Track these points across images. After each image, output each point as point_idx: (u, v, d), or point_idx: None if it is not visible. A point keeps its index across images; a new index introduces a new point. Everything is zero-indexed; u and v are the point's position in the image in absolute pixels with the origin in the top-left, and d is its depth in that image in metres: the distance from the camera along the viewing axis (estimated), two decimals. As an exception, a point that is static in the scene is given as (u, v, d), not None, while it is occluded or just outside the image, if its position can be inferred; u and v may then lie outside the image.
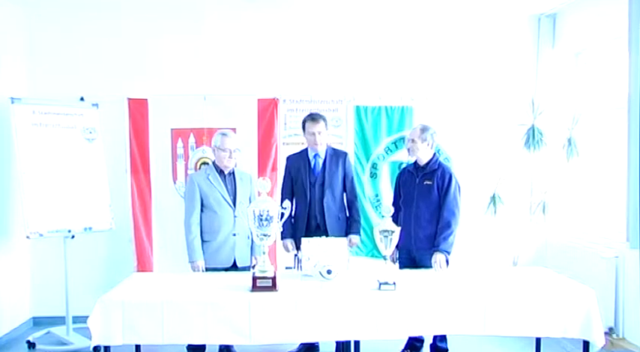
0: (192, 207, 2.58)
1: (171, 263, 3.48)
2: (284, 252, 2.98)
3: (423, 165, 2.70)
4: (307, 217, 2.84)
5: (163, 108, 3.59)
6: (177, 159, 3.63)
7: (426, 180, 2.66)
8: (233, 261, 2.62)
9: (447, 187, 2.61)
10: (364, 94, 3.68)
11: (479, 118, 3.68)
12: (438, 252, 2.56)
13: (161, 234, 3.60)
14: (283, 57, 3.64)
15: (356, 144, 3.72)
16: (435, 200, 2.63)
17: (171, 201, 3.57)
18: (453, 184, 2.62)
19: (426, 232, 2.62)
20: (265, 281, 2.08)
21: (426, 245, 2.61)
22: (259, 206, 2.06)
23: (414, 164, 2.78)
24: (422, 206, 2.64)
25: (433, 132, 2.70)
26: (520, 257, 3.67)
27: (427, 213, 2.63)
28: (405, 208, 2.72)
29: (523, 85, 3.71)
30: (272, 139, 3.66)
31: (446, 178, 2.63)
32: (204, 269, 2.57)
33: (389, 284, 2.12)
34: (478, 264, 3.39)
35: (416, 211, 2.65)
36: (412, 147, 2.68)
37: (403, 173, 2.85)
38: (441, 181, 2.62)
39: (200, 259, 2.56)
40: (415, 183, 2.69)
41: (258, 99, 3.63)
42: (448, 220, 2.58)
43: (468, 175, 3.49)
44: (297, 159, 2.89)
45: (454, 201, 2.61)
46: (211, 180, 2.62)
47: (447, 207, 2.59)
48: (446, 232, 2.57)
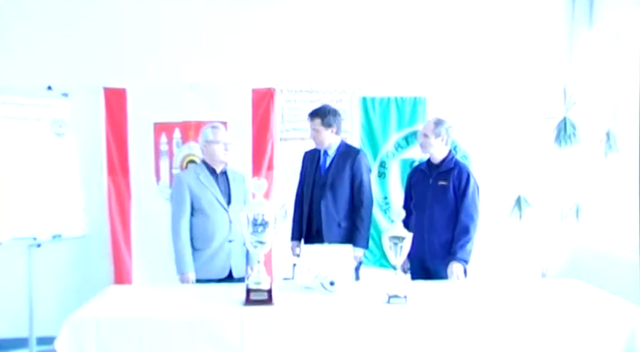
0: (181, 210, 2.58)
1: (153, 274, 3.50)
2: (282, 260, 3.03)
3: (437, 163, 2.70)
4: (308, 220, 2.90)
5: (144, 99, 3.58)
6: (161, 157, 3.63)
7: (440, 181, 2.66)
8: (229, 271, 2.63)
9: (464, 188, 2.61)
10: (371, 84, 3.70)
11: (502, 110, 3.69)
12: (455, 262, 2.55)
13: (142, 242, 3.61)
14: (281, 42, 3.64)
15: (362, 139, 3.74)
16: (451, 202, 2.63)
17: (153, 204, 3.57)
18: (472, 185, 2.62)
19: (441, 239, 2.62)
20: (260, 294, 2.08)
21: (441, 253, 2.61)
22: (253, 209, 2.05)
23: (427, 162, 2.78)
24: (436, 209, 2.64)
25: (448, 126, 2.70)
26: (550, 267, 3.68)
27: (442, 218, 2.63)
28: (417, 212, 2.72)
29: (554, 71, 3.71)
30: (268, 134, 3.67)
31: (463, 178, 2.62)
32: (195, 281, 2.57)
33: (399, 298, 2.12)
34: (501, 276, 3.40)
35: (429, 215, 2.66)
36: (425, 142, 2.68)
37: (415, 172, 2.86)
38: (458, 181, 2.62)
39: (190, 271, 2.56)
40: (428, 183, 2.69)
41: (252, 89, 3.64)
42: (466, 225, 2.58)
43: (490, 175, 3.51)
44: (310, 156, 2.97)
45: (473, 204, 2.61)
46: (202, 180, 2.62)
47: (464, 211, 2.58)
48: (464, 239, 2.56)
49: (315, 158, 2.92)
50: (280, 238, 2.31)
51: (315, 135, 2.83)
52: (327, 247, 2.45)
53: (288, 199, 3.00)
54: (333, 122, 2.82)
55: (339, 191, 2.85)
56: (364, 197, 2.84)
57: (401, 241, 2.14)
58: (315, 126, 2.81)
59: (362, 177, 2.84)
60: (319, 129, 2.80)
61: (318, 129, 2.80)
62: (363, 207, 2.83)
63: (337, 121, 2.85)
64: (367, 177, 2.88)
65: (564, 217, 3.68)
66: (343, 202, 2.85)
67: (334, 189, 2.84)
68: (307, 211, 2.91)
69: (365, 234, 2.84)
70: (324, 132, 2.81)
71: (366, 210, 2.84)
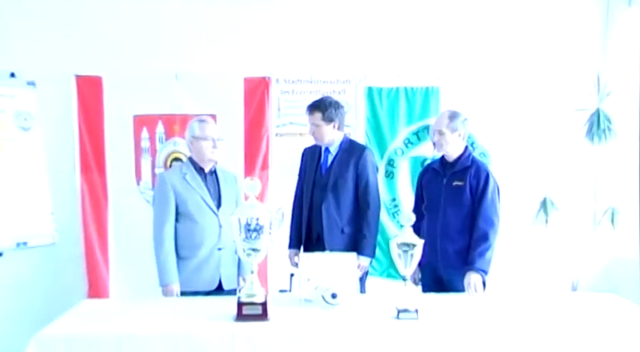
0: (165, 214, 2.59)
1: (133, 286, 3.49)
2: (278, 270, 3.05)
3: (452, 161, 2.71)
4: (308, 225, 2.91)
5: (123, 89, 3.57)
6: (142, 154, 3.64)
7: (455, 181, 2.66)
8: (218, 283, 2.66)
9: (482, 189, 2.60)
10: (378, 72, 3.69)
11: (525, 101, 3.66)
12: (473, 272, 2.55)
13: (120, 250, 3.61)
14: (276, 25, 3.63)
15: (367, 135, 3.73)
16: (467, 205, 2.63)
17: (133, 207, 3.57)
18: (491, 185, 2.62)
19: (456, 246, 2.62)
20: (253, 308, 2.08)
21: (457, 262, 2.61)
22: (246, 213, 2.05)
23: (440, 160, 2.79)
24: (451, 213, 2.64)
25: (464, 119, 2.70)
26: (581, 280, 3.67)
27: (457, 222, 2.63)
28: (430, 216, 2.72)
29: (585, 57, 3.67)
30: (262, 129, 3.68)
31: (481, 178, 2.62)
32: (180, 293, 2.58)
33: (410, 312, 2.11)
34: (524, 288, 3.37)
35: (443, 219, 2.66)
36: (440, 140, 2.68)
37: (427, 171, 2.86)
38: (475, 181, 2.62)
39: (174, 282, 2.58)
40: (442, 183, 2.70)
41: (244, 78, 3.64)
42: (485, 231, 2.57)
43: (512, 175, 3.50)
44: (310, 153, 2.98)
45: (492, 207, 2.60)
46: (189, 181, 2.64)
47: (483, 215, 2.58)
48: (482, 246, 2.56)
49: (315, 156, 2.93)
50: (276, 245, 2.28)
51: (315, 130, 2.83)
52: (329, 255, 2.45)
53: (285, 202, 3.00)
54: (335, 116, 2.83)
55: (343, 193, 2.85)
56: (370, 199, 2.85)
57: (411, 249, 2.13)
58: (314, 121, 2.82)
59: (368, 177, 2.85)
60: (320, 124, 2.81)
61: (319, 124, 2.81)
62: (370, 211, 2.83)
63: (340, 115, 2.86)
64: (374, 177, 2.89)
65: (598, 223, 3.68)
66: (347, 205, 2.85)
67: (337, 191, 2.85)
68: (307, 215, 2.92)
69: (371, 241, 2.85)
70: (325, 127, 2.82)
71: (373, 213, 2.85)
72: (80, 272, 3.57)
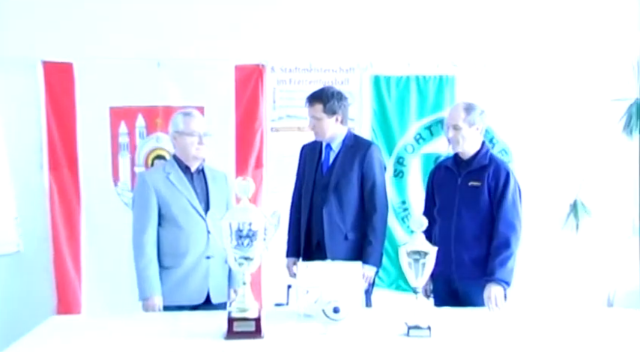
0: (146, 219, 2.59)
1: (109, 300, 3.48)
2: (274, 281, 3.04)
3: (467, 158, 2.69)
4: (307, 231, 2.92)
5: (97, 78, 3.55)
6: (120, 151, 3.62)
7: (471, 181, 2.65)
8: (206, 295, 2.64)
9: (502, 190, 2.59)
10: (386, 59, 3.69)
11: (553, 91, 3.66)
12: (493, 284, 2.53)
13: (95, 259, 3.59)
14: (272, 6, 3.64)
15: (374, 129, 3.74)
16: (484, 208, 2.62)
17: (110, 211, 3.57)
18: (511, 186, 2.60)
19: (473, 254, 2.61)
20: (246, 325, 2.05)
21: (473, 272, 2.60)
22: (238, 217, 2.03)
23: (453, 158, 2.77)
24: (466, 217, 2.63)
25: (481, 111, 2.67)
26: (617, 294, 3.67)
27: (474, 227, 2.62)
28: (443, 220, 2.70)
29: (623, 41, 3.66)
30: (255, 123, 3.69)
31: (501, 177, 2.61)
32: (162, 308, 2.57)
33: (421, 329, 2.08)
34: (553, 303, 3.36)
35: (457, 224, 2.65)
36: (456, 136, 2.65)
37: (438, 170, 2.85)
38: (494, 182, 2.61)
39: (156, 295, 2.56)
40: (456, 184, 2.69)
41: (235, 65, 3.65)
42: (506, 237, 2.56)
43: (537, 174, 3.50)
44: (310, 150, 2.99)
45: (513, 210, 2.59)
46: (173, 181, 2.63)
47: (503, 219, 2.57)
48: (503, 254, 2.54)
49: (315, 153, 2.94)
50: (272, 253, 2.28)
51: (316, 124, 2.83)
52: (331, 264, 2.43)
53: (281, 204, 2.97)
54: (338, 108, 2.82)
55: (346, 194, 2.85)
56: (377, 201, 2.84)
57: (423, 257, 2.11)
58: (315, 113, 2.82)
59: (374, 176, 2.85)
60: (321, 117, 2.81)
61: (320, 117, 2.81)
62: (376, 215, 2.83)
63: (343, 107, 2.86)
64: (381, 177, 2.90)
65: (636, 229, 3.67)
66: (351, 208, 2.85)
67: (339, 192, 2.85)
68: (306, 220, 2.92)
69: (378, 249, 2.84)
70: (326, 121, 2.81)
71: (380, 218, 2.84)
72: (48, 285, 3.55)
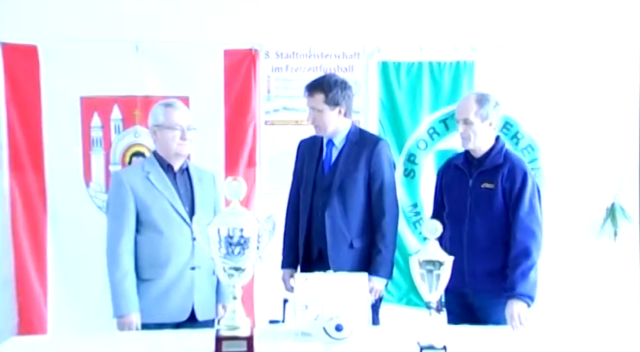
0: (122, 225, 2.58)
1: (79, 318, 3.45)
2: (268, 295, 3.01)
3: (479, 157, 2.69)
4: (307, 238, 2.90)
5: (66, 63, 3.53)
6: (93, 147, 3.61)
7: (484, 182, 2.65)
8: (190, 312, 2.62)
9: (518, 192, 2.59)
10: (396, 43, 3.67)
11: (587, 78, 3.63)
12: (515, 300, 2.51)
13: (63, 272, 3.57)
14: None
15: (381, 123, 3.72)
16: (499, 213, 2.62)
17: (81, 216, 3.55)
18: (529, 187, 2.60)
19: (487, 266, 2.62)
20: (236, 345, 2.02)
21: (489, 285, 2.61)
22: (227, 222, 2.01)
23: (464, 155, 2.77)
24: (479, 223, 2.64)
25: (495, 103, 2.67)
26: None
27: (488, 235, 2.62)
28: (453, 226, 2.69)
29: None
30: (248, 116, 3.68)
31: (517, 178, 2.61)
32: (141, 326, 2.54)
33: (436, 350, 2.04)
34: (586, 322, 3.35)
35: (470, 231, 2.65)
36: (467, 132, 2.65)
37: (447, 169, 2.86)
38: (509, 183, 2.61)
39: (134, 311, 2.53)
40: (467, 185, 2.68)
41: (224, 50, 3.64)
42: (525, 245, 2.55)
43: (569, 174, 3.51)
44: (310, 146, 2.97)
45: (532, 214, 2.58)
46: (154, 182, 2.62)
47: (520, 225, 2.57)
48: (524, 265, 2.53)
49: (315, 150, 2.92)
50: (266, 263, 2.21)
51: (316, 117, 2.81)
52: (333, 276, 2.38)
53: (277, 208, 2.93)
54: (341, 98, 2.81)
55: (351, 196, 2.83)
56: (387, 205, 2.83)
57: (437, 268, 2.08)
58: (315, 105, 2.80)
59: (383, 176, 2.83)
60: (322, 109, 2.79)
61: (321, 109, 2.79)
62: (385, 220, 2.81)
63: (347, 97, 2.84)
64: (390, 177, 2.88)
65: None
66: (357, 212, 2.84)
67: (344, 194, 2.83)
68: (305, 225, 2.90)
69: (389, 258, 2.83)
70: (328, 113, 2.80)
71: (390, 223, 2.83)
72: (8, 301, 3.53)
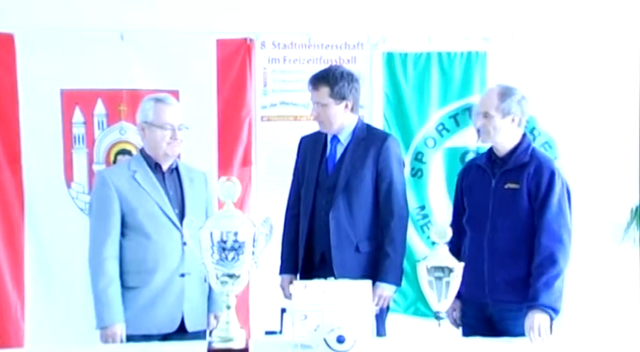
0: (107, 229, 2.56)
1: (59, 330, 3.40)
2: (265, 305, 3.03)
3: (503, 155, 2.64)
4: (308, 241, 2.86)
5: (46, 53, 3.47)
6: (75, 145, 3.55)
7: (509, 183, 2.61)
8: (180, 322, 2.59)
9: (545, 193, 2.54)
10: (402, 33, 3.61)
11: (609, 70, 3.55)
12: (537, 311, 2.45)
13: (42, 280, 3.50)
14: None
15: (387, 118, 3.66)
16: (524, 216, 2.58)
17: (61, 219, 3.50)
18: (558, 189, 2.55)
19: (511, 273, 2.57)
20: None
21: (511, 295, 2.56)
22: (221, 225, 1.99)
23: (487, 154, 2.73)
24: (502, 227, 2.60)
25: (521, 97, 2.61)
26: None
27: (512, 240, 2.59)
28: (474, 231, 2.68)
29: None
30: (242, 111, 3.61)
31: (543, 178, 2.56)
32: (126, 338, 2.51)
33: None
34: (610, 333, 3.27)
35: (491, 236, 2.61)
36: (486, 126, 2.61)
37: (469, 170, 2.82)
38: (535, 183, 2.56)
39: (118, 321, 2.50)
40: (490, 186, 2.64)
41: (217, 40, 3.58)
42: (551, 252, 2.51)
43: (589, 173, 3.44)
44: (312, 144, 2.94)
45: (560, 218, 2.54)
46: (141, 182, 2.59)
47: (547, 230, 2.52)
48: (549, 273, 2.49)
49: (318, 147, 2.88)
50: (262, 270, 2.18)
51: (321, 112, 2.77)
52: (335, 284, 2.32)
53: (274, 210, 2.91)
54: (348, 92, 2.76)
55: (357, 197, 2.80)
56: (395, 206, 2.79)
57: (447, 275, 2.07)
58: (320, 99, 2.75)
59: (392, 175, 2.80)
60: (327, 103, 2.74)
61: (326, 103, 2.74)
62: (394, 222, 2.78)
63: (354, 91, 2.80)
64: (399, 176, 2.85)
65: None
66: (363, 214, 2.80)
67: (349, 194, 2.79)
68: (306, 228, 2.86)
69: (398, 263, 2.79)
70: (334, 108, 2.75)
71: (399, 225, 2.81)
72: None
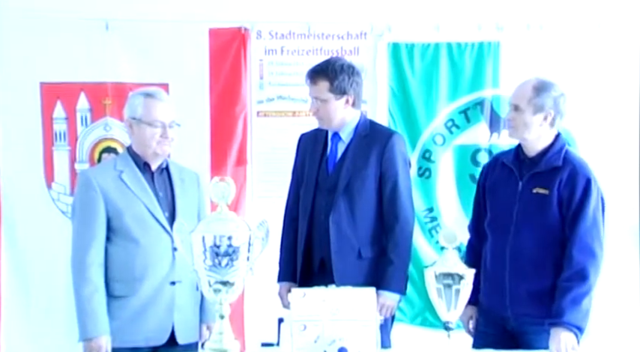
0: (90, 233, 2.53)
1: (38, 343, 3.42)
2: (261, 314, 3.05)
3: (533, 155, 2.58)
4: (307, 247, 2.84)
5: (25, 43, 3.47)
6: (56, 143, 3.54)
7: (537, 187, 2.54)
8: (170, 333, 2.57)
9: (579, 203, 2.48)
10: (408, 21, 3.58)
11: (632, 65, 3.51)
12: (562, 330, 2.40)
13: (19, 289, 3.50)
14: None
15: (392, 113, 3.63)
16: (553, 225, 2.53)
17: (41, 223, 3.51)
18: (593, 198, 2.49)
19: (533, 285, 2.53)
20: None
21: (533, 308, 2.51)
22: (214, 229, 1.97)
23: (514, 152, 2.67)
24: (527, 235, 2.55)
25: (559, 94, 2.55)
26: None
27: (537, 250, 2.54)
28: (495, 237, 2.63)
29: None
30: (237, 106, 3.59)
31: (578, 185, 2.48)
32: (112, 351, 2.49)
33: None
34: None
35: (515, 244, 2.56)
36: (515, 120, 2.55)
37: (493, 167, 2.77)
38: (569, 190, 2.49)
39: (104, 333, 2.47)
40: (516, 189, 2.59)
41: (209, 29, 3.56)
42: (582, 267, 2.45)
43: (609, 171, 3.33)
44: (312, 141, 2.92)
45: (593, 231, 2.48)
46: (128, 183, 2.56)
47: (579, 242, 2.46)
48: (577, 289, 2.43)
49: (318, 145, 2.87)
50: (258, 277, 2.22)
51: (320, 107, 2.74)
52: (337, 292, 2.28)
53: (271, 212, 2.95)
54: (348, 86, 2.74)
55: (360, 198, 2.77)
56: (400, 208, 2.77)
57: (457, 282, 2.05)
58: (319, 94, 2.73)
59: (397, 176, 2.77)
60: (327, 98, 2.71)
61: (325, 98, 2.71)
62: (399, 226, 2.76)
63: (356, 85, 2.78)
64: (405, 177, 2.83)
65: None
66: (366, 217, 2.78)
67: (351, 196, 2.77)
68: (305, 232, 2.84)
69: (402, 270, 2.78)
70: (334, 103, 2.72)
71: (404, 229, 2.79)
72: None
